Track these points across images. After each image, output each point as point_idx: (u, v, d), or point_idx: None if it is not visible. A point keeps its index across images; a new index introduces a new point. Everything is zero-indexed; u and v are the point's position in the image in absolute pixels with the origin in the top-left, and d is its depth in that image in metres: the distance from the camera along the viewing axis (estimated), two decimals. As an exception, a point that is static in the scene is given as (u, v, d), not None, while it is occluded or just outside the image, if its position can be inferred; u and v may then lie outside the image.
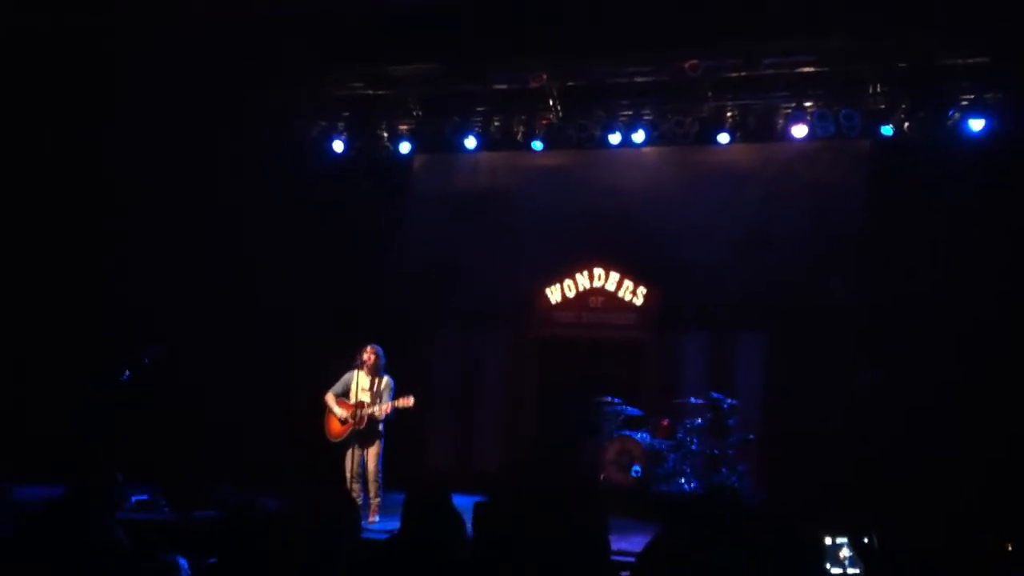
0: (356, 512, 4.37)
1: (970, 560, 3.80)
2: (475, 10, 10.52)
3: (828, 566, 4.68)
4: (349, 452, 9.72)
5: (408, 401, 9.61)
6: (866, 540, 4.52)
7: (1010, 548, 4.82)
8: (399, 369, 10.15)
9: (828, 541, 4.74)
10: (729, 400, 10.97)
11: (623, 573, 3.96)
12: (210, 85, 11.11)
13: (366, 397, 9.69)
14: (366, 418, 9.64)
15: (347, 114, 12.05)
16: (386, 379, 9.79)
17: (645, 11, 10.17)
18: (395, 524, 4.57)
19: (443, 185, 12.65)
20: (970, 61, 10.11)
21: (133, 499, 9.44)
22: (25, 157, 11.51)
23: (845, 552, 4.77)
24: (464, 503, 4.55)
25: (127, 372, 10.10)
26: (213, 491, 9.20)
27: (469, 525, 4.44)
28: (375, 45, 11.09)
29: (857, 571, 4.71)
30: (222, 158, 11.54)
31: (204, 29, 10.74)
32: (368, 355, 9.73)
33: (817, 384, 10.86)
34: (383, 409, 9.60)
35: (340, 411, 9.73)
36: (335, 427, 9.79)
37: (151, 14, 10.66)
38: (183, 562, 4.18)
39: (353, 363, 9.82)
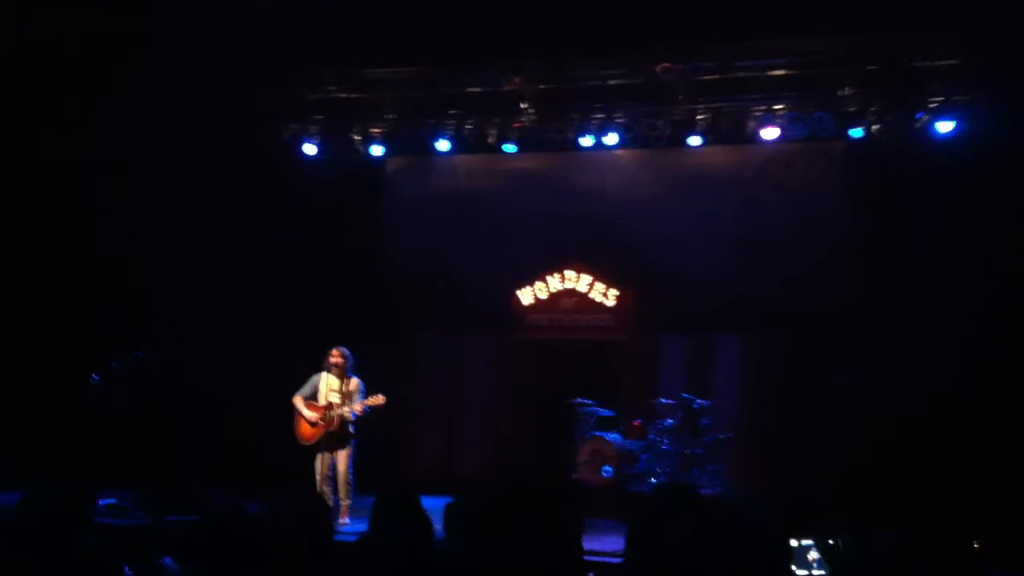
0: (327, 513, 4.37)
1: (940, 560, 3.83)
2: (449, 13, 10.53)
3: (795, 568, 4.72)
4: (319, 455, 9.69)
5: (379, 400, 9.60)
6: (832, 543, 4.56)
7: (976, 546, 4.85)
8: (377, 371, 10.15)
9: (795, 543, 4.77)
10: (700, 400, 11.02)
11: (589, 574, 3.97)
12: (185, 85, 11.07)
13: (336, 398, 9.68)
14: (336, 419, 9.63)
15: (320, 117, 12.02)
16: (355, 380, 9.78)
17: (618, 14, 10.22)
18: (365, 526, 4.57)
19: (417, 188, 12.65)
20: (939, 63, 10.21)
21: (101, 503, 9.37)
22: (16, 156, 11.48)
23: (813, 555, 4.80)
24: (440, 504, 4.58)
25: (95, 376, 10.03)
26: (187, 495, 9.17)
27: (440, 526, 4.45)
28: (348, 48, 11.09)
29: (823, 573, 4.74)
30: (200, 159, 11.48)
31: (179, 30, 10.71)
32: (336, 357, 9.71)
33: (794, 385, 10.95)
34: (356, 408, 9.59)
35: (310, 413, 9.69)
36: (306, 430, 9.74)
37: (126, 14, 10.63)
38: (169, 562, 4.17)
39: (321, 365, 9.80)
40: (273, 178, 11.96)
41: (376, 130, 11.93)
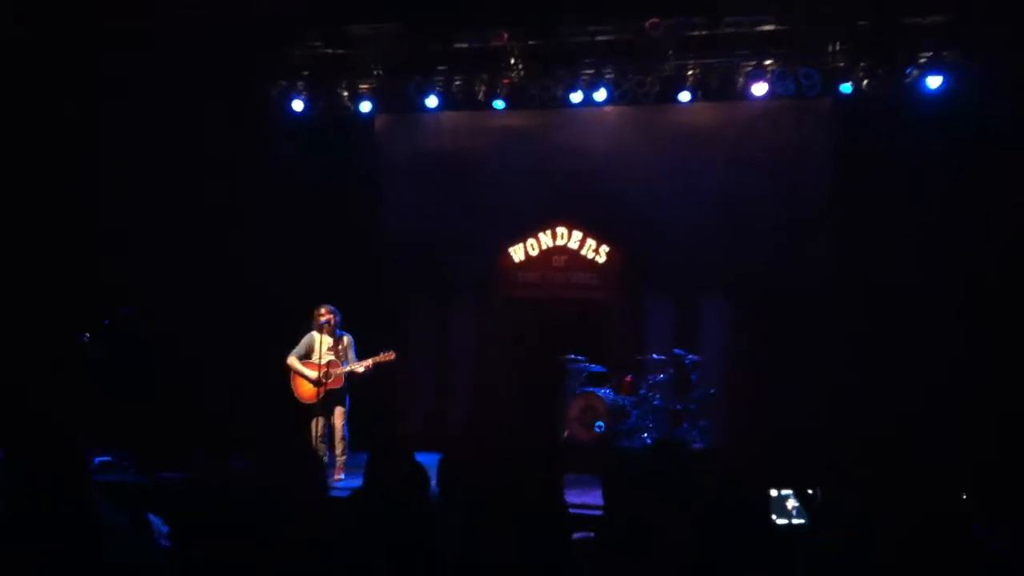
0: (322, 469, 4.41)
1: (924, 511, 3.90)
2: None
3: (774, 516, 4.81)
4: (315, 413, 9.73)
5: (390, 356, 9.68)
6: (810, 492, 4.65)
7: (964, 497, 4.93)
8: (366, 330, 10.19)
9: (774, 493, 4.86)
10: (691, 356, 11.10)
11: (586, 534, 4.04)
12: (173, 45, 10.96)
13: (332, 356, 9.71)
14: (343, 377, 9.67)
15: (307, 73, 11.95)
16: (347, 337, 9.83)
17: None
18: (360, 483, 4.62)
19: (407, 145, 12.60)
20: (928, 20, 10.21)
21: (96, 460, 9.42)
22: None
23: (791, 503, 4.89)
24: (433, 460, 4.63)
25: (87, 335, 10.04)
26: (181, 454, 9.22)
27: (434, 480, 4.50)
28: (335, 4, 11.01)
29: (803, 521, 4.84)
30: (187, 119, 11.40)
31: None
32: (325, 315, 9.74)
33: (777, 343, 11.01)
34: (367, 364, 9.64)
35: (310, 372, 9.70)
36: (306, 389, 9.75)
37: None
38: (155, 519, 4.20)
39: (312, 324, 9.82)
40: (261, 135, 11.90)
41: (364, 86, 11.88)
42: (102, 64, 11.14)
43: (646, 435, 11.01)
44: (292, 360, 9.84)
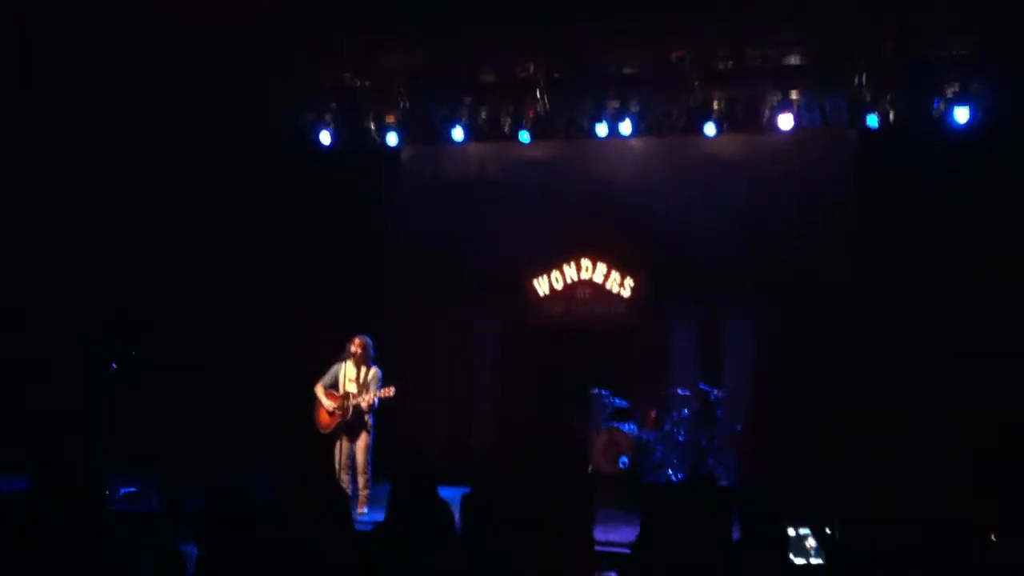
0: (345, 502, 4.38)
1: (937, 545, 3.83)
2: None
3: (792, 556, 4.73)
4: (337, 443, 9.75)
5: (389, 392, 9.65)
6: (827, 530, 4.58)
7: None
8: (391, 360, 10.18)
9: (792, 532, 4.78)
10: (716, 391, 11.01)
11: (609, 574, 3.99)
12: (202, 73, 11.06)
13: (352, 388, 9.72)
14: (351, 409, 9.68)
15: (334, 104, 12.02)
16: (374, 370, 9.82)
17: (632, 2, 10.19)
18: (382, 516, 4.58)
19: (432, 175, 12.63)
20: (955, 52, 10.16)
21: (122, 491, 9.43)
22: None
23: (811, 543, 4.82)
24: (457, 494, 4.58)
25: (113, 364, 10.09)
26: (205, 482, 9.20)
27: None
28: (363, 35, 11.08)
29: (820, 561, 4.76)
30: (214, 145, 11.49)
31: (194, 18, 10.68)
32: (356, 346, 9.75)
33: (805, 371, 10.92)
34: (368, 399, 9.64)
35: (328, 402, 9.77)
36: (324, 418, 9.82)
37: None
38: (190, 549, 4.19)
39: (342, 355, 9.85)
40: (288, 166, 11.99)
41: (391, 118, 11.93)
42: (127, 97, 11.24)
43: (670, 471, 10.90)
44: (317, 388, 9.88)
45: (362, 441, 9.77)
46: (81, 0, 10.52)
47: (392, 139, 12.04)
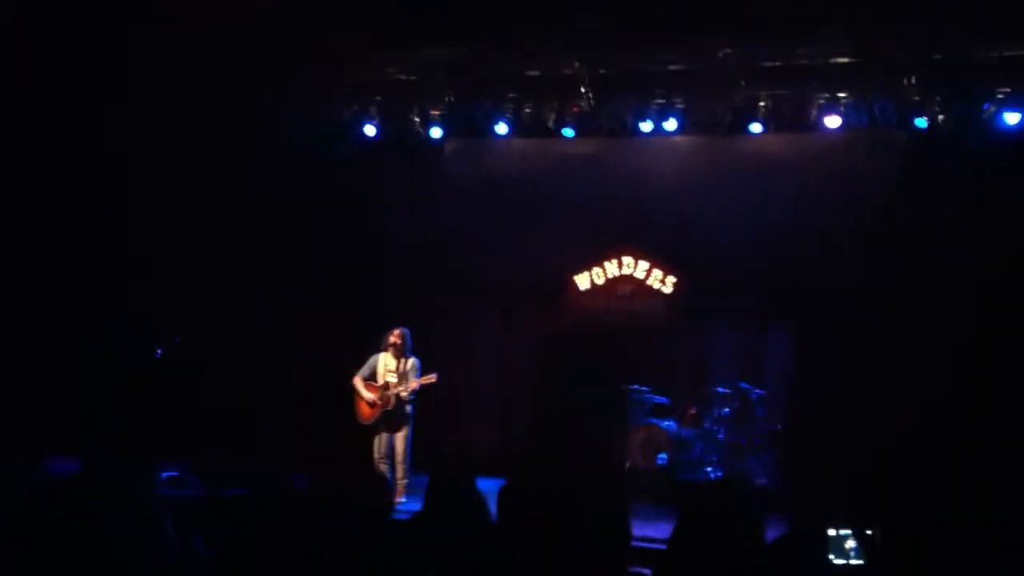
0: (386, 491, 4.43)
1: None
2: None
3: (832, 557, 4.72)
4: (377, 434, 9.83)
5: (431, 378, 9.73)
6: (869, 532, 4.55)
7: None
8: (431, 353, 10.24)
9: (832, 532, 4.77)
10: (757, 390, 10.97)
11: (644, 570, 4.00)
12: (247, 68, 11.14)
13: (392, 378, 9.80)
14: (393, 399, 9.75)
15: (379, 98, 12.09)
16: (412, 360, 9.89)
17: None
18: (420, 505, 4.62)
19: (474, 170, 12.65)
20: (1006, 54, 10.03)
21: (163, 475, 9.54)
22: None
23: (851, 543, 4.80)
24: (495, 486, 4.61)
25: (159, 350, 10.21)
26: (244, 468, 9.31)
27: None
28: (408, 29, 11.11)
29: (862, 562, 4.74)
30: (258, 137, 11.57)
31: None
32: (394, 337, 9.83)
33: (846, 374, 10.84)
34: (409, 387, 9.71)
35: (368, 394, 9.85)
36: (364, 410, 9.90)
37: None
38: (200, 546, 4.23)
39: (380, 346, 9.92)
40: (328, 157, 12.08)
41: (435, 112, 11.98)
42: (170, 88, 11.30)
43: (709, 469, 10.88)
44: (356, 380, 9.96)
45: (402, 432, 9.85)
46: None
47: (436, 133, 12.09)
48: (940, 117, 10.43)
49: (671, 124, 11.26)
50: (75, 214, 11.36)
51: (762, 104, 11.00)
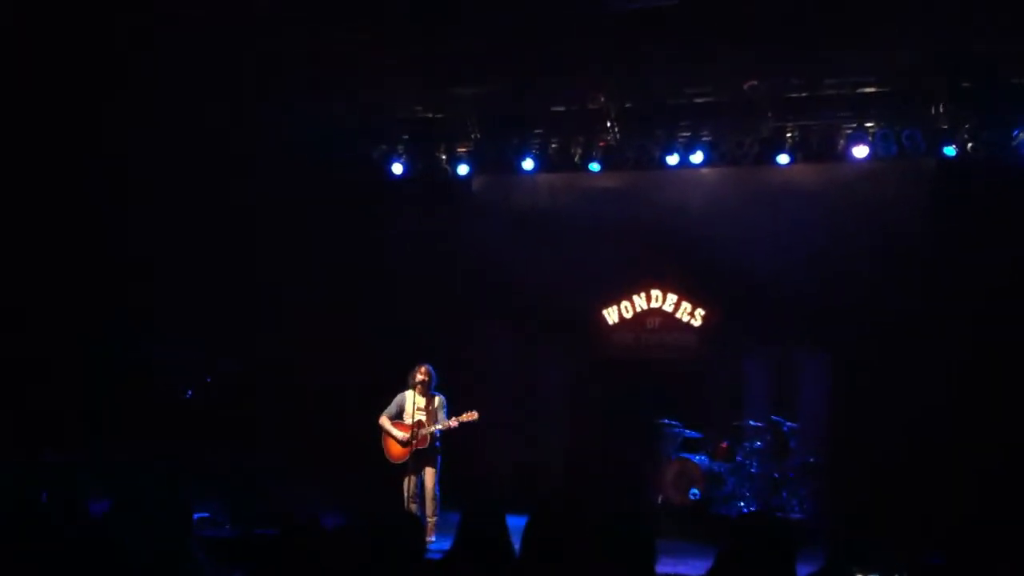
0: (420, 530, 4.39)
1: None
2: (532, 33, 10.53)
3: None
4: (407, 473, 9.76)
5: (473, 415, 9.68)
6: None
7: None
8: (459, 388, 10.21)
9: None
10: (789, 423, 10.87)
11: None
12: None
13: (422, 416, 9.74)
14: (428, 437, 9.70)
15: (407, 136, 12.18)
16: (439, 397, 9.85)
17: (704, 31, 10.14)
18: (450, 544, 4.58)
19: (502, 205, 12.68)
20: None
21: (195, 516, 9.55)
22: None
23: None
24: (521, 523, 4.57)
25: (190, 391, 10.24)
26: (275, 508, 9.30)
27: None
28: (434, 68, 11.18)
29: None
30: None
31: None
32: (422, 374, 9.78)
33: (879, 405, 10.71)
34: (451, 424, 9.65)
35: (400, 433, 9.77)
36: (395, 449, 9.83)
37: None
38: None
39: (406, 384, 9.88)
40: (356, 194, 12.16)
41: (462, 149, 12.04)
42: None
43: (742, 503, 10.77)
44: (383, 420, 9.91)
45: (431, 470, 9.79)
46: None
47: (463, 170, 12.14)
48: (969, 145, 10.36)
49: (698, 156, 11.26)
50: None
51: (789, 135, 10.99)
